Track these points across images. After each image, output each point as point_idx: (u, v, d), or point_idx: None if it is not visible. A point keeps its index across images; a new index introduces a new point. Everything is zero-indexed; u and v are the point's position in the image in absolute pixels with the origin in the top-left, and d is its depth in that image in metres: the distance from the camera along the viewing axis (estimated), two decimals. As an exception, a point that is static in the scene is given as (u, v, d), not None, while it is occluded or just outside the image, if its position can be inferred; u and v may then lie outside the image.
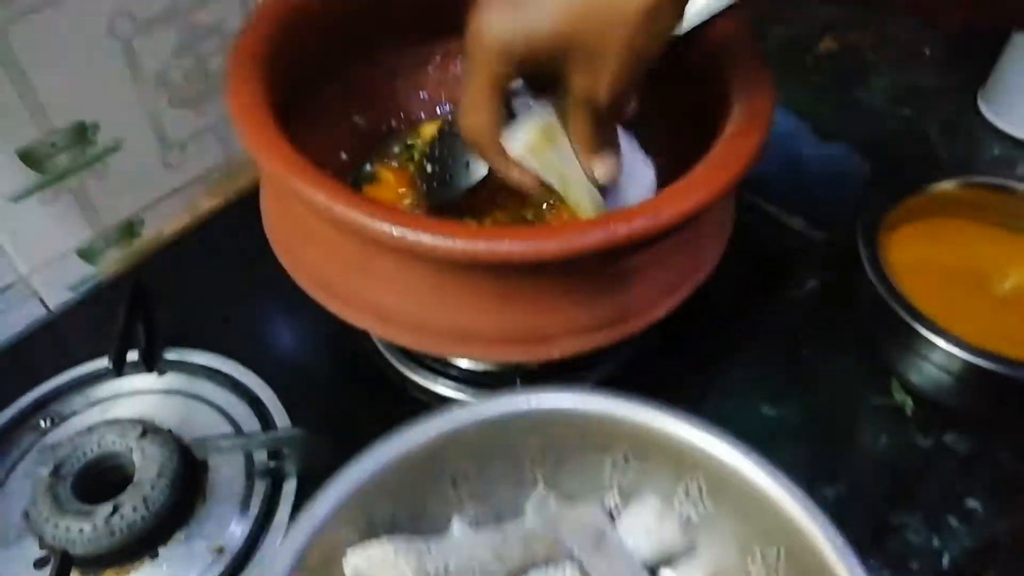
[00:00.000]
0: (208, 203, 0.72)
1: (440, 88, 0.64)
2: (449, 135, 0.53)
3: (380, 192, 0.59)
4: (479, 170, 0.49)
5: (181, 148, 0.68)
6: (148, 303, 0.58)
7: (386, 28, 0.60)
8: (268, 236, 0.50)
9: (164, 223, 0.70)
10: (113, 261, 0.67)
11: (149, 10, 0.60)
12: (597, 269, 0.43)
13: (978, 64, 0.85)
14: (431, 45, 0.63)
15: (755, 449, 0.37)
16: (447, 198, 0.53)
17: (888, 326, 0.58)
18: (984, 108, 0.84)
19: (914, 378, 0.58)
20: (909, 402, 0.58)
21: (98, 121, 0.61)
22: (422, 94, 0.64)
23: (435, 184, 0.54)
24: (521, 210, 0.54)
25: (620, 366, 0.58)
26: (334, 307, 0.46)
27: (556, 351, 0.44)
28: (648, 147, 0.49)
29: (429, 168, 0.55)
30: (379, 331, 0.45)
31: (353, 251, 0.43)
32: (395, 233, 0.38)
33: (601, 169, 0.44)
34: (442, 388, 0.58)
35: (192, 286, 0.64)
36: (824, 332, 0.62)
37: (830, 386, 0.59)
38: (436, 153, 0.54)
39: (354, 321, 0.46)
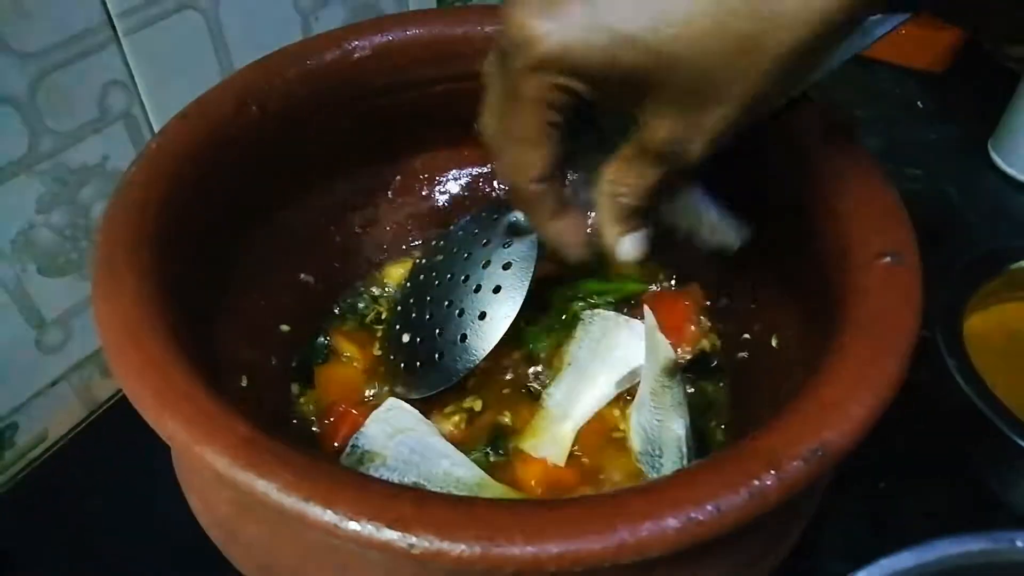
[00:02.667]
0: (106, 387, 0.55)
1: (406, 219, 0.49)
2: (429, 279, 0.38)
3: (338, 375, 0.43)
4: (484, 340, 0.35)
5: (61, 326, 0.51)
6: (11, 570, 0.40)
7: (328, 153, 0.45)
8: (183, 487, 0.33)
9: (50, 422, 0.53)
10: (-22, 484, 0.50)
11: (-3, 157, 0.43)
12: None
13: (978, 112, 0.77)
14: (386, 166, 0.49)
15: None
16: (434, 385, 0.38)
17: (986, 444, 0.46)
18: (999, 161, 0.75)
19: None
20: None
21: (-67, 313, 0.44)
22: (386, 228, 0.48)
23: (416, 364, 0.39)
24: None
25: None
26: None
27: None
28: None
29: (405, 337, 0.40)
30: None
31: (325, 543, 0.27)
32: (401, 544, 0.23)
33: (630, 245, 0.34)
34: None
35: (88, 523, 0.47)
36: (902, 454, 0.48)
37: (921, 529, 0.45)
38: (412, 311, 0.39)
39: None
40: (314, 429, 0.41)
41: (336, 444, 0.39)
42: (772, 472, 0.24)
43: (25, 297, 0.49)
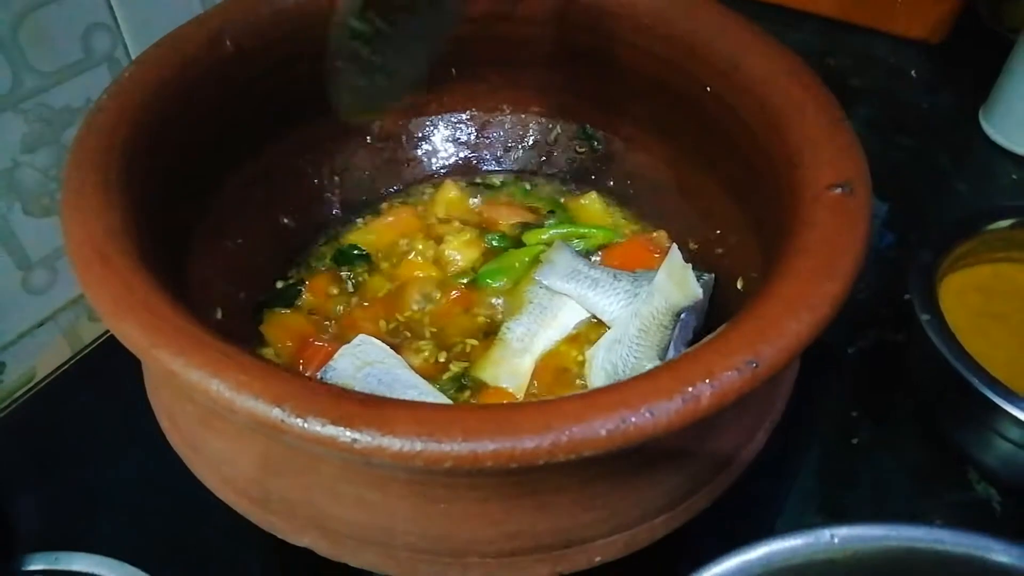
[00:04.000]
0: (94, 330, 0.56)
1: (384, 164, 0.50)
2: None
3: (285, 320, 0.44)
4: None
5: (47, 266, 0.52)
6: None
7: (305, 94, 0.45)
8: (154, 410, 0.34)
9: (36, 362, 0.54)
10: (-33, 421, 0.51)
11: (-21, 94, 0.44)
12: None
13: (970, 81, 0.77)
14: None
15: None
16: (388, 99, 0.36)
17: (957, 401, 0.46)
18: (990, 130, 0.76)
19: (996, 463, 0.46)
20: (995, 495, 0.46)
21: (-81, 247, 0.45)
22: (359, 174, 0.49)
23: (373, 76, 0.35)
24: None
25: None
26: (258, 518, 0.31)
27: (597, 556, 0.30)
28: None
29: (364, 48, 0.35)
30: (326, 551, 0.30)
31: (277, 449, 0.28)
32: (344, 439, 0.23)
33: None
34: None
35: (72, 452, 0.48)
36: (877, 411, 0.50)
37: (895, 484, 0.47)
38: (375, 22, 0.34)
39: (287, 537, 0.30)
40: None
41: (308, 376, 0.40)
42: (706, 381, 0.25)
43: (11, 237, 0.49)
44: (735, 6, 0.43)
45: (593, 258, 0.46)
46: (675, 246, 0.43)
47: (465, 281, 0.45)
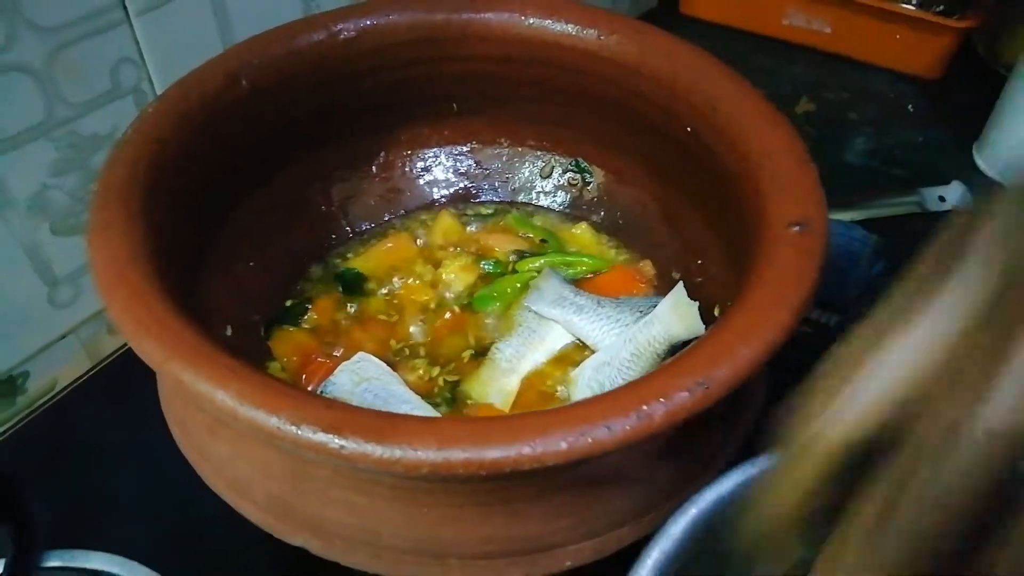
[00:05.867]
0: (113, 344, 0.59)
1: (388, 192, 0.53)
2: None
3: (292, 338, 0.47)
4: None
5: (72, 283, 0.55)
6: (20, 496, 0.44)
7: (315, 128, 0.49)
8: (166, 417, 0.37)
9: (58, 373, 0.57)
10: (-9, 426, 0.54)
11: (15, 124, 0.48)
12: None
13: (967, 118, 0.79)
14: (371, 142, 0.53)
15: None
16: None
17: None
18: (982, 164, 0.78)
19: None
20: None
21: (-46, 263, 0.48)
22: (363, 201, 0.52)
23: None
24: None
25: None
26: (257, 518, 0.34)
27: (567, 560, 0.32)
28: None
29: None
30: (318, 550, 0.33)
31: (275, 456, 0.31)
32: (333, 446, 0.26)
33: None
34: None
35: (90, 457, 0.51)
36: None
37: None
38: None
39: (283, 537, 0.33)
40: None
41: (308, 389, 0.43)
42: (660, 400, 0.28)
43: (38, 255, 0.53)
44: (737, 38, 0.45)
45: (579, 286, 0.49)
46: (681, 283, 0.46)
47: (460, 304, 0.48)
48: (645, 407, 0.27)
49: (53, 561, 0.45)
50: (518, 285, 0.48)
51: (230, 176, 0.44)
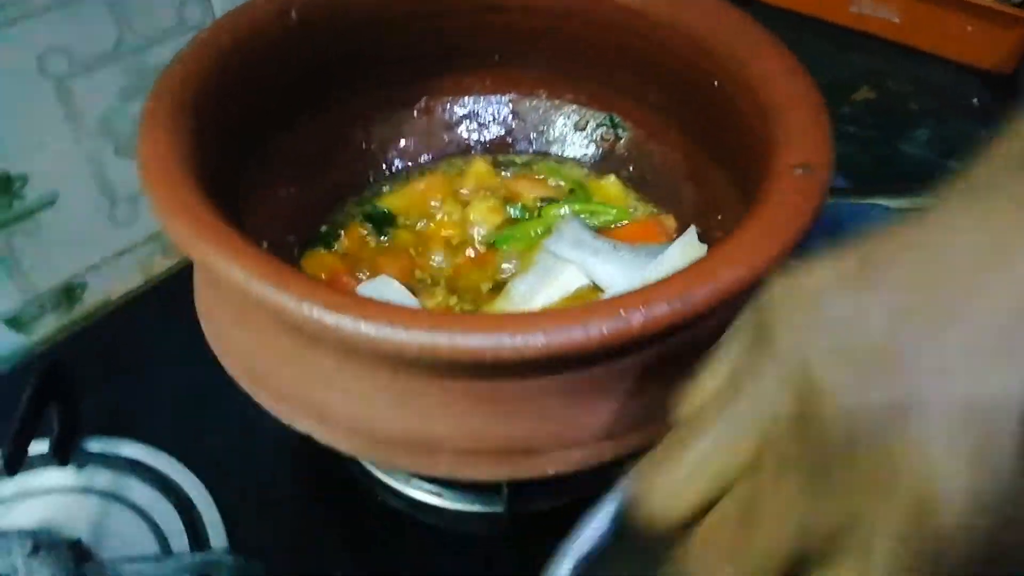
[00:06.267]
0: (165, 264, 0.64)
1: (424, 136, 0.55)
2: None
3: (320, 260, 0.50)
4: None
5: (131, 203, 0.60)
6: (70, 383, 0.49)
7: (362, 65, 0.51)
8: (198, 312, 0.41)
9: (112, 286, 0.62)
10: (51, 330, 0.59)
11: (89, 48, 0.52)
12: (608, 361, 0.33)
13: (1034, 113, 0.77)
14: (414, 86, 0.55)
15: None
16: None
17: None
18: (1044, 162, 0.75)
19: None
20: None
21: (27, 172, 0.52)
22: (402, 142, 0.55)
23: None
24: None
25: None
26: (270, 405, 0.37)
27: (549, 467, 0.34)
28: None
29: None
30: (322, 436, 0.36)
31: (286, 339, 0.34)
32: (330, 322, 0.29)
33: None
34: (418, 492, 0.48)
35: (135, 361, 0.55)
36: None
37: None
38: None
39: (292, 423, 0.36)
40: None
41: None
42: (640, 309, 0.29)
43: (103, 174, 0.57)
44: (800, 23, 0.46)
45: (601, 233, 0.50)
46: (693, 226, 0.47)
47: (484, 244, 0.50)
48: (623, 312, 0.29)
49: (92, 446, 0.49)
50: (540, 229, 0.50)
51: (276, 105, 0.47)
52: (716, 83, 0.46)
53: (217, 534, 0.45)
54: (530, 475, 0.34)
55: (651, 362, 0.34)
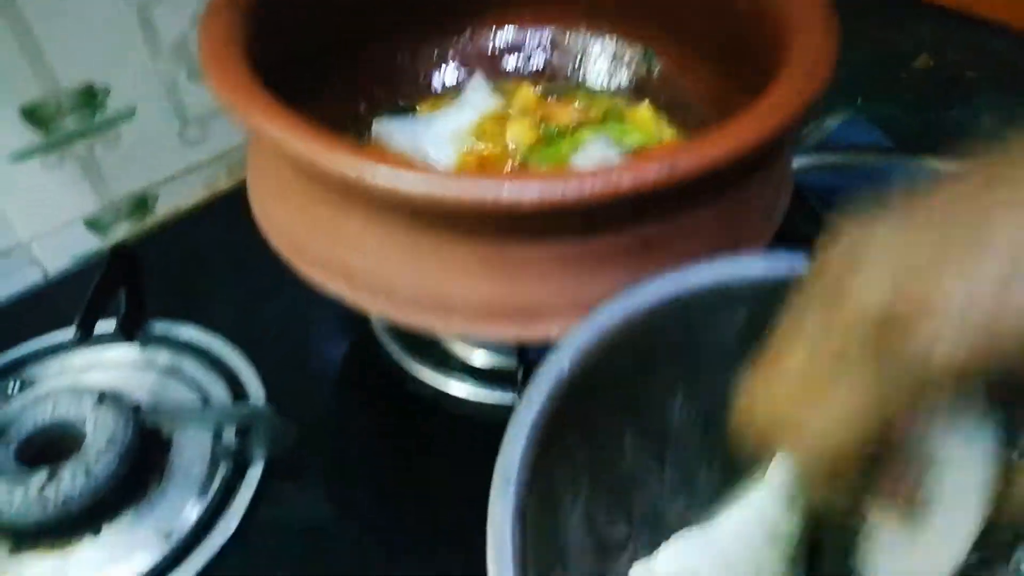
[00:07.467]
0: (228, 182, 0.69)
1: (471, 60, 0.59)
2: None
3: None
4: None
5: (201, 125, 0.65)
6: (138, 271, 0.54)
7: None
8: (250, 199, 0.45)
9: (181, 199, 0.67)
10: (125, 234, 0.65)
11: (167, -25, 0.57)
12: (606, 232, 0.36)
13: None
14: (464, 18, 0.59)
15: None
16: None
17: None
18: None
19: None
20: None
21: (109, 85, 0.58)
22: (449, 68, 0.59)
23: None
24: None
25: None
26: (305, 269, 0.41)
27: (554, 329, 0.38)
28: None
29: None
30: (348, 295, 0.40)
31: (321, 203, 0.38)
32: (351, 173, 0.33)
33: None
34: (444, 382, 0.52)
35: (197, 261, 0.61)
36: None
37: None
38: None
39: (324, 284, 0.40)
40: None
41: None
42: (628, 171, 0.32)
43: (175, 95, 0.63)
44: None
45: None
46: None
47: (518, 159, 0.54)
48: (614, 175, 0.32)
49: (155, 328, 0.54)
50: (570, 149, 0.53)
51: (327, 29, 0.51)
52: (738, 8, 0.48)
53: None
54: (535, 337, 0.38)
55: (646, 237, 0.37)
